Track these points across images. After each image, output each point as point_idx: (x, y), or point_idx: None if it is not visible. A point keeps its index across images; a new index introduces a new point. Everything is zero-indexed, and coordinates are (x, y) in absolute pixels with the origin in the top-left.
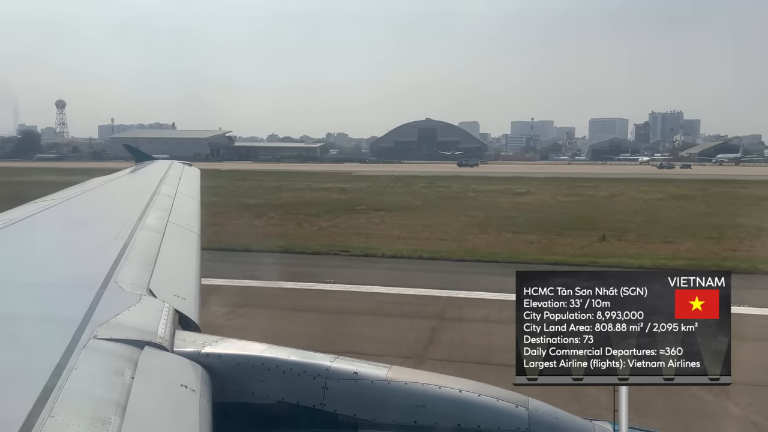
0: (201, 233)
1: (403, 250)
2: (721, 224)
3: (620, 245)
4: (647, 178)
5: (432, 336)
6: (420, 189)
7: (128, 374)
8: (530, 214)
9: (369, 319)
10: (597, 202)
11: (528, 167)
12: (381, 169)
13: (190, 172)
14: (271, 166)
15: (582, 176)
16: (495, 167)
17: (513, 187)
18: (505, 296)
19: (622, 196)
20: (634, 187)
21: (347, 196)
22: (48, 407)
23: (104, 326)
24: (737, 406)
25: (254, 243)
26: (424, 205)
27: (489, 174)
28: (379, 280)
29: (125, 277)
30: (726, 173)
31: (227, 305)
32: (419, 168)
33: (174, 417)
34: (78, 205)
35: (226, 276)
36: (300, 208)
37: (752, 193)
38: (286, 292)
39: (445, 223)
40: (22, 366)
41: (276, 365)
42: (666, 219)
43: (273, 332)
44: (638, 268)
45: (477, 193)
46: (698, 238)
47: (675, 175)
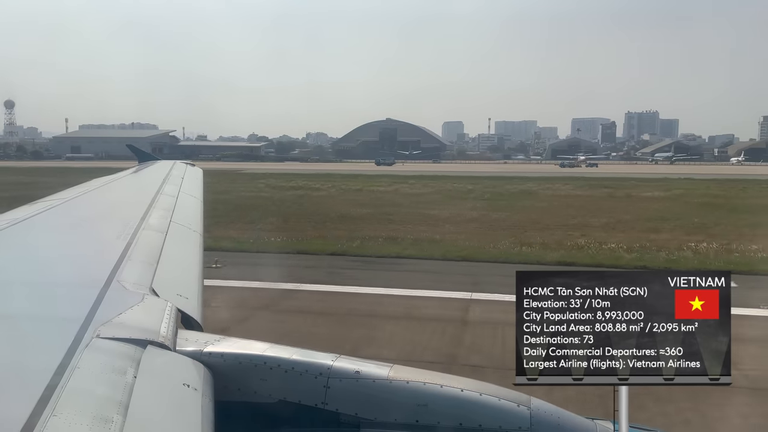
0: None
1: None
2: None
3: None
4: (504, 176)
5: None
6: (261, 185)
7: (131, 373)
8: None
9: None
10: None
11: (458, 167)
12: (292, 168)
13: (192, 172)
14: (201, 165)
15: (471, 175)
16: (423, 167)
17: (355, 185)
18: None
19: (397, 193)
20: (450, 185)
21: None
22: (51, 406)
23: (107, 325)
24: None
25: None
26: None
27: (389, 173)
28: None
29: (128, 277)
30: (620, 172)
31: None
32: (331, 167)
33: (176, 416)
34: (81, 205)
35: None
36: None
37: (553, 191)
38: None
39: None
40: (24, 365)
41: (278, 364)
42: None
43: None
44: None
45: (309, 190)
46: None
47: (553, 173)
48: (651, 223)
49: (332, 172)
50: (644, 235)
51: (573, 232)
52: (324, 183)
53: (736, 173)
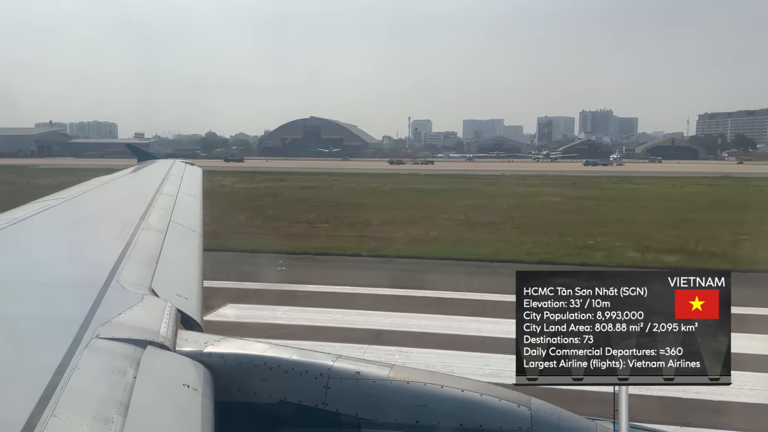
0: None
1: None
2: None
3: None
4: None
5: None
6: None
7: (130, 373)
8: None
9: None
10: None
11: (351, 164)
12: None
13: (191, 172)
14: (74, 161)
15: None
16: (303, 163)
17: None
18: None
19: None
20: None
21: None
22: (50, 406)
23: (106, 325)
24: None
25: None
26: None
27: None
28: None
29: (127, 277)
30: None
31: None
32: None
33: (176, 416)
34: (80, 205)
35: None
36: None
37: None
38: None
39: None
40: (24, 365)
41: (278, 365)
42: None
43: None
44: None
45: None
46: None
47: (354, 170)
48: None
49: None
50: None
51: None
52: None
53: (547, 170)
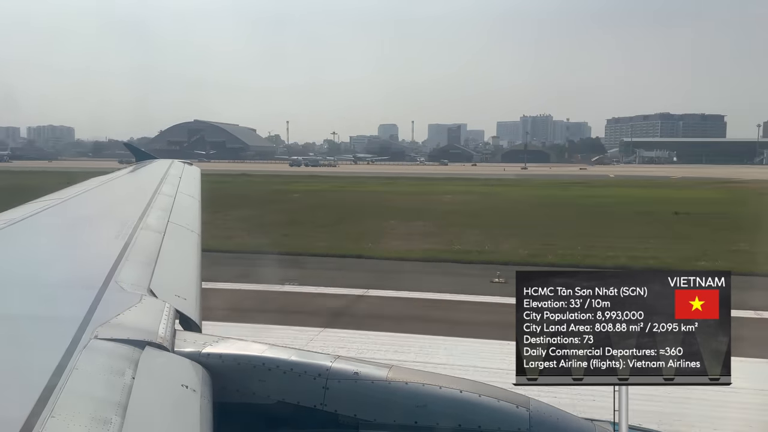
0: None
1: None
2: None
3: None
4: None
5: None
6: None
7: (129, 374)
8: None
9: None
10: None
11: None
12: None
13: (190, 172)
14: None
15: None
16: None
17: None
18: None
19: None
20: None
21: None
22: (49, 407)
23: (105, 326)
24: None
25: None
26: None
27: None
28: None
29: (126, 277)
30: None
31: None
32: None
33: (174, 417)
34: (78, 205)
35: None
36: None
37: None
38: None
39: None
40: (23, 366)
41: (277, 365)
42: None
43: None
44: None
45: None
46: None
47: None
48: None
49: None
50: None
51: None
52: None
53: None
